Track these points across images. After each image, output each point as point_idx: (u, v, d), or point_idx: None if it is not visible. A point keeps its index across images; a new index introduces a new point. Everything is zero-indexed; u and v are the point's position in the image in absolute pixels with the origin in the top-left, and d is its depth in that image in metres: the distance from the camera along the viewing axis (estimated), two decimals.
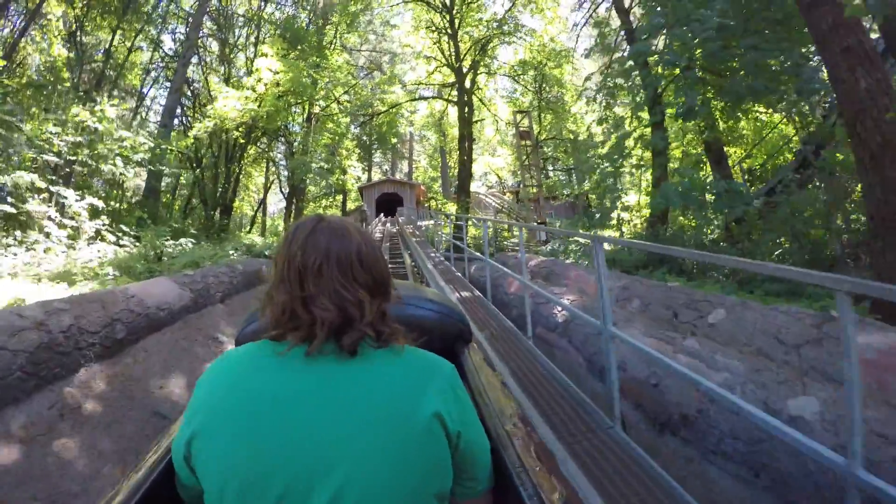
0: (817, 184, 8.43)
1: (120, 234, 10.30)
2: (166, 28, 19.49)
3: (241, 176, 21.82)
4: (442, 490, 0.73)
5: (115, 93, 20.17)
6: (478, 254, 6.94)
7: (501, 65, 26.34)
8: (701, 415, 2.85)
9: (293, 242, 0.78)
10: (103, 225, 9.93)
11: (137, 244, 9.81)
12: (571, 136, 28.69)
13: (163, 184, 25.24)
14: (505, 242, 15.06)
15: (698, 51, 9.36)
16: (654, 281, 5.39)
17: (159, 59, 19.96)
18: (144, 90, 21.27)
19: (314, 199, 31.39)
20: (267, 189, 28.38)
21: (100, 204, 10.10)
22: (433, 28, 23.82)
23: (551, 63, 25.47)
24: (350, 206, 32.32)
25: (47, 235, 8.70)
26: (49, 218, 8.74)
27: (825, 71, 5.94)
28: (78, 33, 16.95)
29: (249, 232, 24.41)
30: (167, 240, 11.94)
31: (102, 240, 9.88)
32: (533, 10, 24.10)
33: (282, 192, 27.99)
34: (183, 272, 5.95)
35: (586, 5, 21.90)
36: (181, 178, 23.37)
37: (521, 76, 25.99)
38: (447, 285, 6.36)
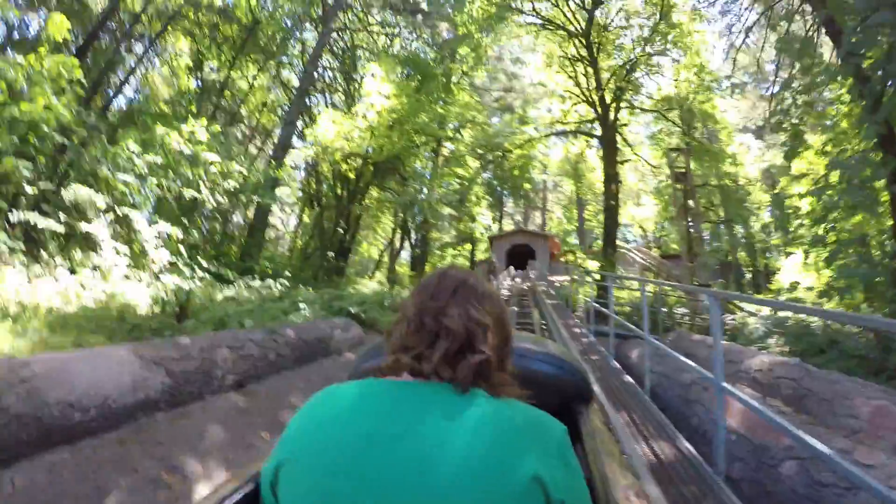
0: None
1: (196, 269, 8.95)
2: (291, 67, 19.63)
3: (361, 217, 20.69)
4: None
5: (245, 129, 20.87)
6: (686, 359, 3.24)
7: (644, 100, 22.59)
8: None
9: (427, 279, 0.80)
10: (177, 256, 8.60)
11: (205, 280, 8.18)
12: (726, 182, 23.37)
13: (288, 223, 25.72)
14: (674, 311, 11.02)
15: None
16: None
17: (287, 101, 20.18)
18: (272, 129, 21.73)
19: (441, 248, 29.79)
20: (395, 231, 27.37)
21: (178, 233, 8.85)
22: (568, 58, 21.21)
23: (700, 97, 21.01)
24: (479, 256, 30.37)
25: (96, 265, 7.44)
26: (101, 242, 7.47)
27: None
28: (202, 67, 17.47)
29: (372, 277, 23.00)
30: (254, 279, 10.49)
31: (178, 273, 8.55)
32: (676, 39, 20.15)
33: (409, 240, 26.76)
34: (177, 338, 3.56)
35: (737, 28, 17.61)
36: (304, 217, 23.30)
37: (668, 111, 21.78)
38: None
